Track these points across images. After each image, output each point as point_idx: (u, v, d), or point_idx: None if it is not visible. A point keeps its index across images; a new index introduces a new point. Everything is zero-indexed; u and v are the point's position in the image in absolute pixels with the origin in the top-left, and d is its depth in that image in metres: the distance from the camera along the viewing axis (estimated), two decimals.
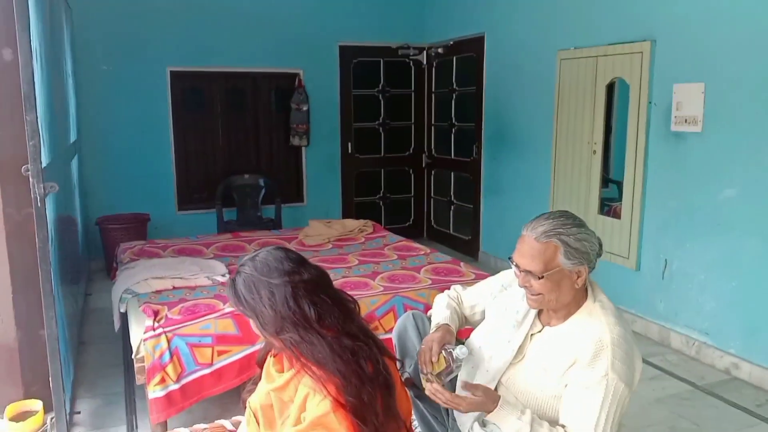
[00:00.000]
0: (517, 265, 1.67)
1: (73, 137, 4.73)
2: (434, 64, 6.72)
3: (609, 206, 4.55)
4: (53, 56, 3.62)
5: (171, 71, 5.82)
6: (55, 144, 3.28)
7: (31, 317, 2.91)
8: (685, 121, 3.75)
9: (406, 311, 3.16)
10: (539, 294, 1.66)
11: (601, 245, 1.70)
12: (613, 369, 1.56)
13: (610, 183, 4.62)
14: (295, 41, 6.20)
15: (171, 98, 5.86)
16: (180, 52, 5.81)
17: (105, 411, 3.12)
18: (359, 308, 1.62)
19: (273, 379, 1.64)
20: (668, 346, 3.98)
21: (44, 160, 2.63)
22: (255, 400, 1.71)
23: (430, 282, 3.51)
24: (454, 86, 6.43)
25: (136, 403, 3.19)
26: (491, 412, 1.59)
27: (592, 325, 1.64)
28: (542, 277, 1.63)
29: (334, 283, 1.63)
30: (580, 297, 1.70)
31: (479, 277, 3.61)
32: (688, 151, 3.80)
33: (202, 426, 1.97)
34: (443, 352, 1.73)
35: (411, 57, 6.73)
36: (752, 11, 3.38)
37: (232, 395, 3.03)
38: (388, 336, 2.61)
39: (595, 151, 4.48)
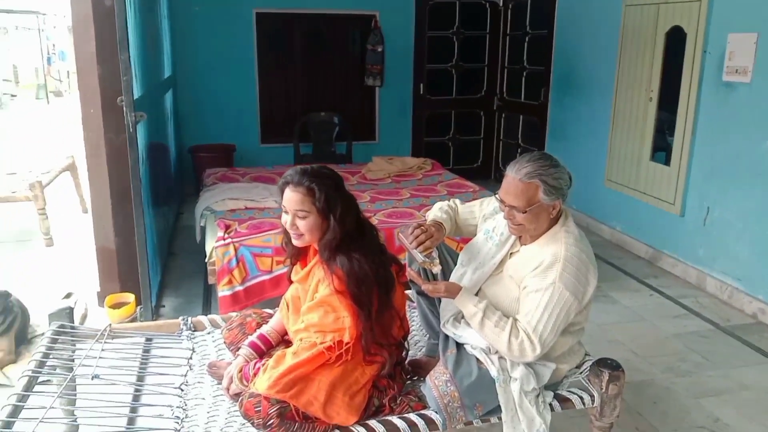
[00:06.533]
0: (502, 201, 1.99)
1: (167, 73, 5.31)
2: (510, 6, 6.78)
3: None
4: (148, 0, 4.13)
5: (256, 12, 6.27)
6: (147, 79, 3.81)
7: (126, 226, 3.48)
8: (736, 71, 3.78)
9: None
10: (520, 225, 1.98)
11: (571, 179, 1.99)
12: (560, 279, 1.89)
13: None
14: None
15: (256, 38, 6.34)
16: None
17: (185, 306, 3.74)
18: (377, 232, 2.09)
19: (297, 273, 2.09)
20: (704, 289, 4.14)
21: (136, 93, 3.14)
22: (287, 294, 2.18)
23: None
24: (528, 29, 6.49)
25: (211, 303, 3.78)
26: (455, 298, 1.99)
27: (554, 245, 1.96)
28: (526, 211, 1.94)
29: (383, 212, 2.04)
30: (552, 223, 2.01)
31: None
32: (736, 101, 3.84)
33: (251, 310, 2.45)
34: (428, 258, 2.05)
35: None
36: None
37: None
38: None
39: (651, 98, 4.55)
